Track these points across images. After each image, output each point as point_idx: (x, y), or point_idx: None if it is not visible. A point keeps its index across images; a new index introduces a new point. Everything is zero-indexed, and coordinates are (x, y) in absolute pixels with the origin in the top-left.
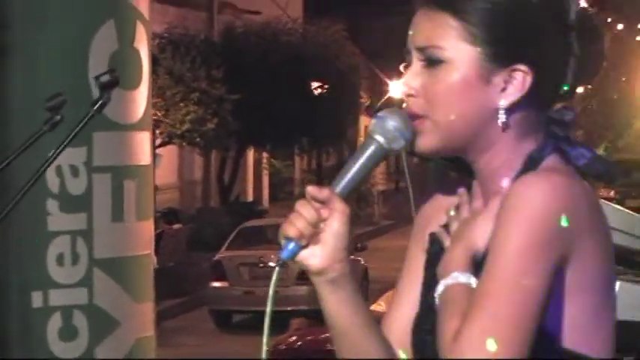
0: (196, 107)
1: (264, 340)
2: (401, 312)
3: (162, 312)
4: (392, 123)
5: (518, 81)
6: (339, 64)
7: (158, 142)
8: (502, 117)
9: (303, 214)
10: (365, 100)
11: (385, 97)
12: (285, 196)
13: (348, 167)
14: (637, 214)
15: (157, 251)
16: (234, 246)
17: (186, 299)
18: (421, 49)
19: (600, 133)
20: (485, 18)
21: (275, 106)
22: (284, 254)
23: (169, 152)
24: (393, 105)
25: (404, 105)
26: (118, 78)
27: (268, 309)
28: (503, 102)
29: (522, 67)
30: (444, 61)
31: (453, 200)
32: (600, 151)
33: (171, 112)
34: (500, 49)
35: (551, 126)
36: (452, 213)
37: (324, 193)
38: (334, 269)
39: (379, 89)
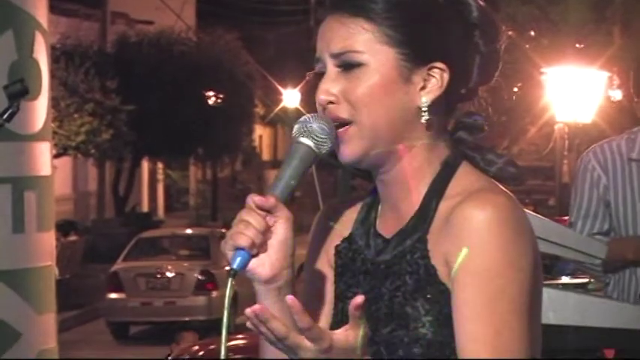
0: (91, 118)
1: (222, 350)
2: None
3: (58, 324)
4: (317, 125)
5: (437, 78)
6: (234, 74)
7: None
8: (425, 115)
9: (252, 223)
10: (259, 110)
11: (279, 106)
12: (180, 206)
13: (282, 173)
14: (546, 219)
15: None
16: (130, 257)
17: (82, 311)
18: (337, 55)
19: (495, 141)
20: (398, 19)
21: (170, 116)
22: (236, 264)
23: (63, 164)
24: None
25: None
26: (28, 87)
27: (225, 319)
28: (425, 99)
29: (439, 64)
30: (362, 64)
31: (352, 211)
32: None
33: (65, 124)
34: (417, 48)
35: (459, 132)
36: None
37: (270, 201)
38: (282, 276)
39: (273, 98)
